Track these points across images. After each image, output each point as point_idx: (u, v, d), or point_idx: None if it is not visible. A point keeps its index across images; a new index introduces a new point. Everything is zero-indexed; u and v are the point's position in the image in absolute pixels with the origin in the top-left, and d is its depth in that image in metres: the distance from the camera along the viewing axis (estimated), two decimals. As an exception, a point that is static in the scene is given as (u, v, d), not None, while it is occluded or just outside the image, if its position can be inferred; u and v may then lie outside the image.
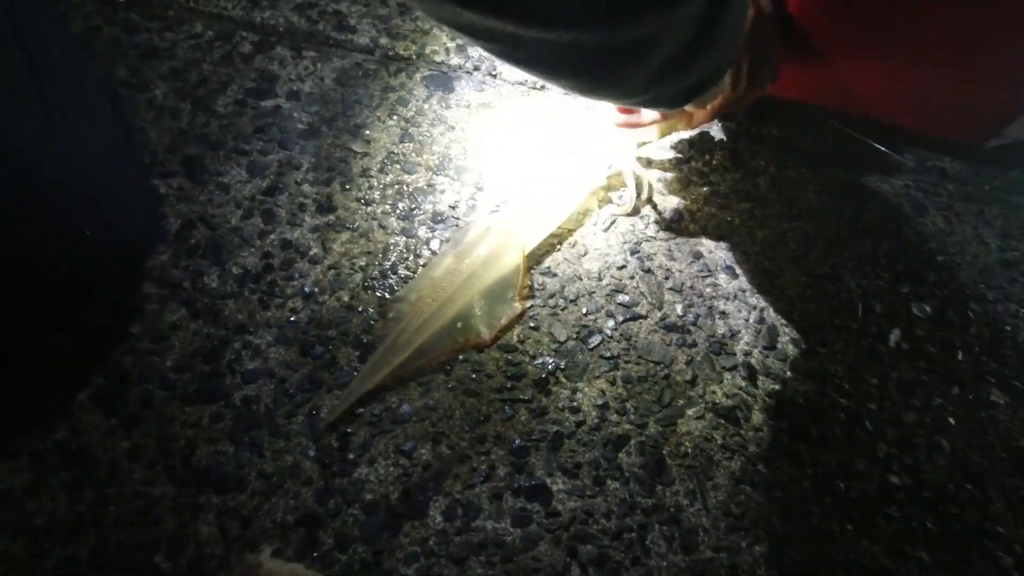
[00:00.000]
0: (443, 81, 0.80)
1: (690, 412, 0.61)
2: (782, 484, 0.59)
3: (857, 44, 0.71)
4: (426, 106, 0.79)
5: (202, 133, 0.73)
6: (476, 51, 0.85)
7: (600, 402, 0.61)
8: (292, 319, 0.63)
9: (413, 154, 0.75)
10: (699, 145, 0.79)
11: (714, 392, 0.63)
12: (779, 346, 0.66)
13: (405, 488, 0.56)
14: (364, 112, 0.78)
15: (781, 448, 0.60)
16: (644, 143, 0.76)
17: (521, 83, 0.82)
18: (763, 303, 0.68)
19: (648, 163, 0.76)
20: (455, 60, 0.84)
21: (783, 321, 0.67)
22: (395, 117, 0.77)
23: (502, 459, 0.58)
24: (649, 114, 0.65)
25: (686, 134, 0.79)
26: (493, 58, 0.80)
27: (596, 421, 0.60)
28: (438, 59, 0.83)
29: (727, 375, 0.64)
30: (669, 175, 0.76)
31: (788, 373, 0.64)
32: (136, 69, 0.77)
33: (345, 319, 0.63)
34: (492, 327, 0.62)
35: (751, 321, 0.67)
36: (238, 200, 0.70)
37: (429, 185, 0.73)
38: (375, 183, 0.72)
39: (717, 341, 0.65)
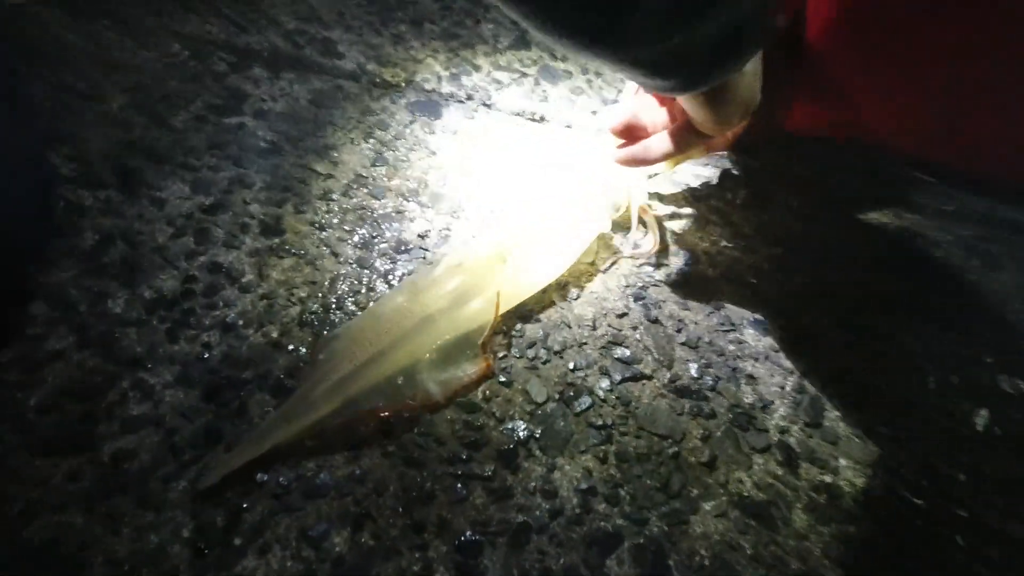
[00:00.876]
0: (430, 107, 0.72)
1: (707, 507, 0.45)
2: (841, 622, 0.41)
3: (892, 74, 0.61)
4: (407, 130, 0.70)
5: (150, 146, 0.65)
6: (471, 80, 0.77)
7: (584, 485, 0.45)
8: (203, 356, 0.50)
9: (384, 178, 0.65)
10: (718, 182, 0.68)
11: (740, 481, 0.47)
12: (826, 423, 0.50)
13: (306, 591, 0.40)
14: (337, 134, 0.69)
15: (838, 566, 0.43)
16: (654, 175, 0.65)
17: (517, 114, 0.73)
18: (802, 367, 0.53)
19: (658, 198, 0.65)
20: (447, 88, 0.76)
21: (830, 391, 0.52)
22: (371, 140, 0.68)
23: (444, 558, 0.42)
24: (658, 145, 0.53)
25: (700, 168, 0.68)
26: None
27: (578, 511, 0.44)
28: (428, 86, 0.75)
29: (757, 459, 0.48)
30: (683, 211, 0.64)
31: (841, 460, 0.48)
32: (96, 81, 0.70)
33: (268, 358, 0.50)
34: (445, 386, 0.48)
35: (788, 389, 0.52)
36: (171, 217, 0.60)
37: (398, 211, 0.62)
38: (335, 207, 0.62)
39: (744, 412, 0.50)
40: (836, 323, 0.56)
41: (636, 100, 0.54)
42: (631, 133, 0.51)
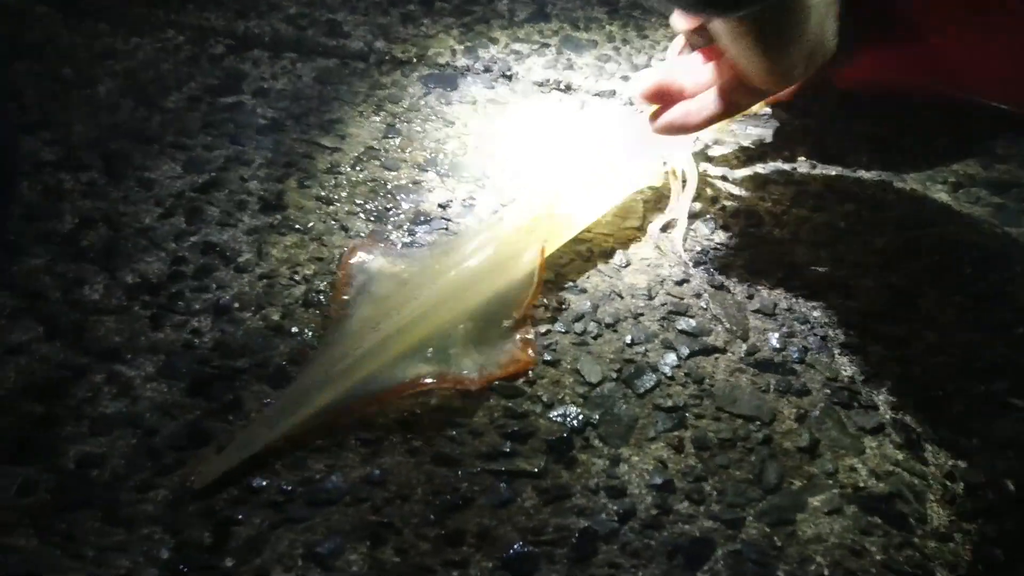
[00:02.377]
0: (446, 79, 0.65)
1: (816, 502, 0.36)
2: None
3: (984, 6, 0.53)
4: (422, 102, 0.63)
5: (138, 128, 0.59)
6: (488, 52, 0.70)
7: (659, 480, 0.36)
8: (191, 344, 0.42)
9: (398, 150, 0.58)
10: (772, 141, 0.60)
11: (853, 469, 0.37)
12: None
13: (315, 625, 0.31)
14: (344, 108, 0.62)
15: (996, 573, 0.33)
16: (696, 141, 0.57)
17: (541, 84, 0.66)
18: (904, 331, 0.44)
19: (705, 158, 0.57)
20: (463, 61, 0.69)
21: (944, 360, 0.42)
22: (382, 113, 0.62)
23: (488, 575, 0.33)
24: (701, 107, 0.44)
25: (750, 127, 0.60)
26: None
27: (653, 513, 0.35)
28: (442, 60, 0.68)
29: (870, 441, 0.39)
30: (737, 172, 0.56)
31: (974, 440, 0.39)
32: (84, 68, 0.65)
33: (267, 345, 0.42)
34: (484, 368, 0.40)
35: (893, 359, 0.43)
36: (160, 197, 0.53)
37: (414, 183, 0.55)
38: (343, 180, 0.55)
39: (843, 387, 0.41)
40: (933, 283, 0.47)
41: (674, 62, 0.47)
42: (665, 97, 0.44)
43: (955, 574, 0.33)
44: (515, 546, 0.33)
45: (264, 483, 0.36)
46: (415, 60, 0.69)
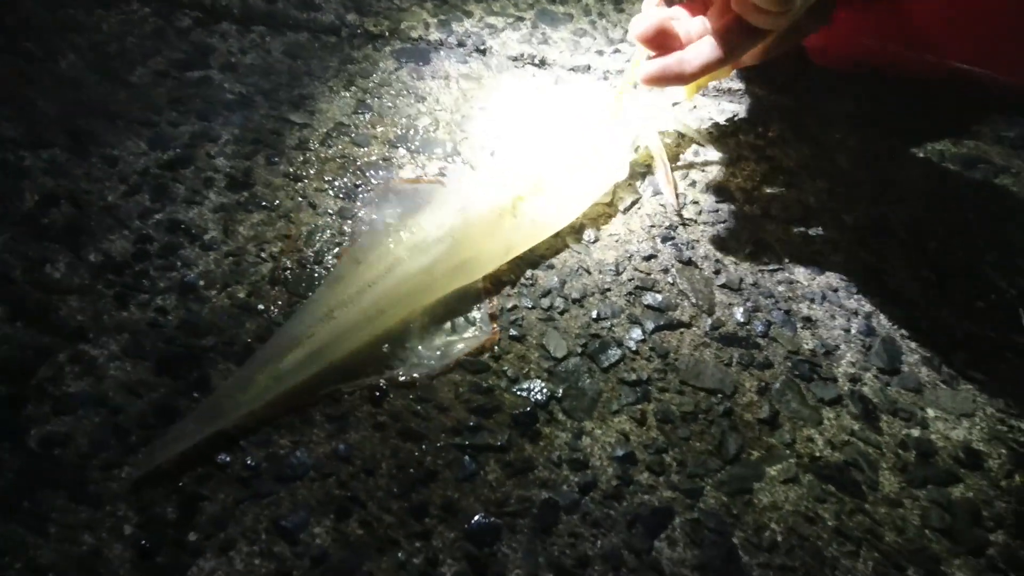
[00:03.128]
0: (418, 54, 0.64)
1: (773, 471, 0.37)
2: (959, 605, 0.33)
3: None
4: (393, 77, 0.62)
5: (102, 103, 0.57)
6: (463, 26, 0.69)
7: (621, 452, 0.37)
8: (156, 322, 0.42)
9: (368, 126, 0.57)
10: (747, 117, 0.60)
11: (810, 439, 0.38)
12: (904, 369, 0.41)
13: (280, 596, 0.32)
14: (314, 83, 0.61)
15: (946, 537, 0.34)
16: (675, 103, 0.57)
17: (515, 58, 0.65)
18: (867, 307, 0.45)
19: (678, 136, 0.57)
20: (436, 35, 0.68)
21: (904, 332, 0.43)
22: (352, 88, 0.61)
23: (451, 547, 0.33)
24: (698, 54, 0.42)
25: (724, 103, 0.60)
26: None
27: (615, 484, 0.36)
28: (415, 34, 0.67)
29: (828, 412, 0.39)
30: (710, 148, 0.56)
31: (928, 411, 0.40)
32: (46, 41, 0.63)
33: (234, 322, 0.42)
34: (443, 357, 0.40)
35: (854, 332, 0.43)
36: (125, 174, 0.52)
37: (384, 159, 0.54)
38: (312, 157, 0.54)
39: (805, 360, 0.42)
40: (901, 258, 0.48)
41: (662, 10, 0.46)
42: (663, 43, 0.42)
43: (903, 537, 0.34)
44: (478, 517, 0.34)
45: (229, 459, 0.36)
46: (387, 34, 0.68)
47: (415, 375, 0.39)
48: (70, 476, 0.35)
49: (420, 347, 0.40)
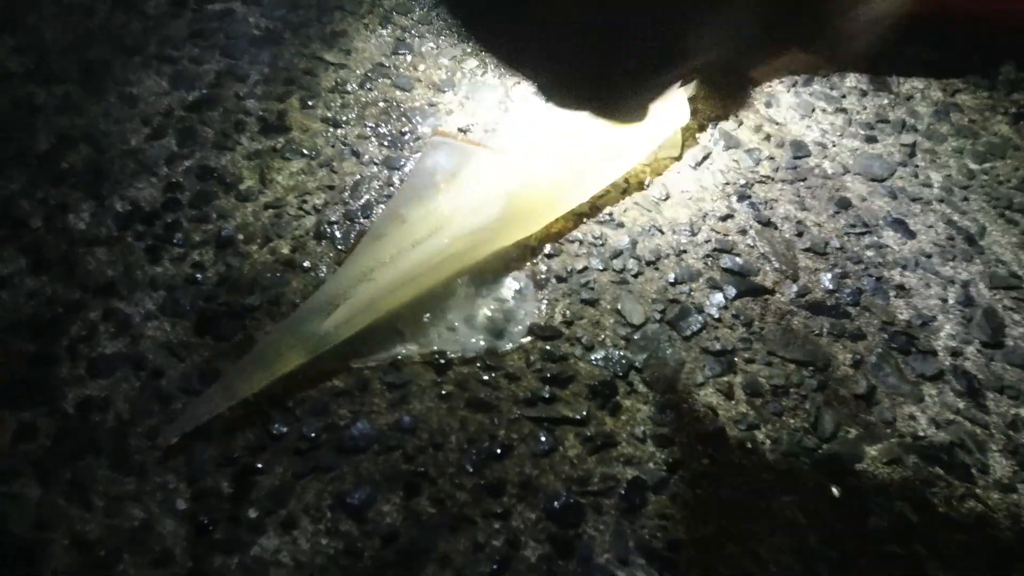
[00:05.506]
0: (458, -11, 0.58)
1: (874, 451, 0.34)
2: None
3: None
4: (434, 13, 0.56)
5: (116, 35, 0.52)
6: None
7: (710, 428, 0.34)
8: (194, 278, 0.38)
9: (410, 68, 0.52)
10: (819, 68, 0.55)
11: (912, 417, 0.35)
12: (1009, 343, 0.38)
13: (348, 578, 0.29)
14: (347, 19, 0.56)
15: (1060, 525, 0.32)
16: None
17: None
18: (964, 275, 0.41)
19: (748, 82, 0.52)
20: None
21: (1007, 303, 0.40)
22: (389, 26, 0.55)
23: (532, 528, 0.31)
24: None
25: (795, 54, 0.55)
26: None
27: (706, 463, 0.33)
28: (453, -33, 0.61)
29: (929, 389, 0.36)
30: (781, 96, 0.51)
31: (1037, 389, 0.37)
32: (48, -34, 0.57)
33: (278, 280, 0.39)
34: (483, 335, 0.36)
35: (951, 302, 0.40)
36: (147, 116, 0.47)
37: (430, 104, 0.49)
38: (351, 100, 0.49)
39: (901, 332, 0.38)
40: (997, 220, 0.44)
41: None
42: None
43: (1019, 525, 0.32)
44: (560, 497, 0.31)
45: (285, 429, 0.33)
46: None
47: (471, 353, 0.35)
48: (112, 444, 0.32)
49: (461, 322, 0.36)
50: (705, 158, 0.47)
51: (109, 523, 0.30)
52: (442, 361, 0.35)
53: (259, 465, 0.32)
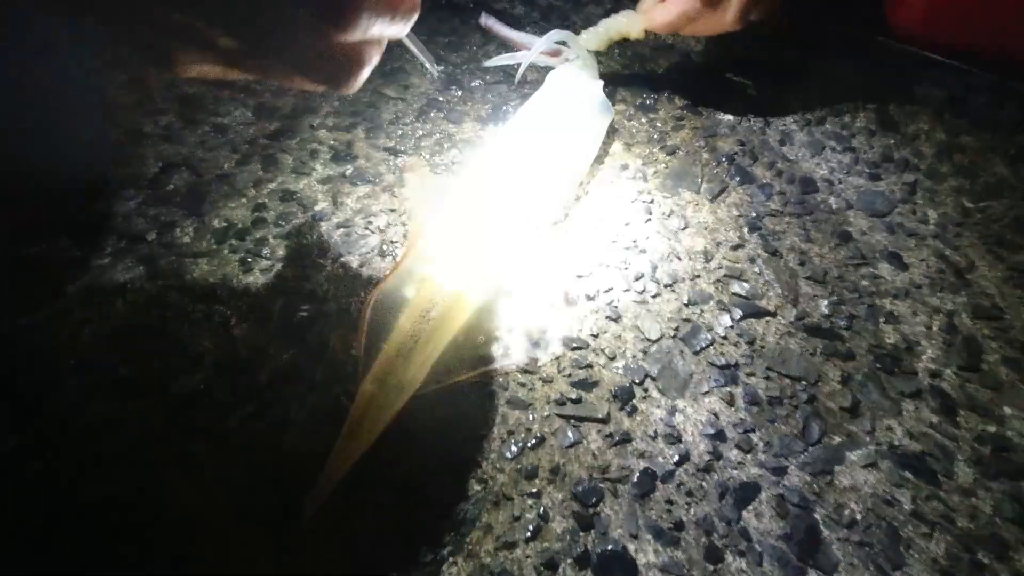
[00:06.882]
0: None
1: (854, 456, 0.40)
2: (1026, 588, 0.35)
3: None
4: (481, 52, 0.63)
5: (207, 70, 0.60)
6: (545, 1, 0.69)
7: (711, 430, 0.40)
8: (280, 287, 0.46)
9: (460, 102, 0.59)
10: (833, 104, 0.60)
11: (890, 429, 0.41)
12: (984, 367, 0.43)
13: (406, 540, 0.36)
14: (403, 57, 0.63)
15: (1017, 526, 0.37)
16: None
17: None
18: (950, 305, 0.46)
19: (765, 123, 0.57)
20: (520, 9, 0.69)
21: (986, 332, 0.45)
22: (442, 64, 0.62)
23: (560, 506, 0.37)
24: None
25: (812, 85, 0.60)
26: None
27: (706, 458, 0.39)
28: (499, 6, 0.68)
29: (908, 405, 0.42)
30: (796, 134, 0.57)
31: (1005, 409, 0.42)
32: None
33: (349, 292, 0.46)
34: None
35: (935, 329, 0.45)
36: (235, 144, 0.55)
37: (478, 137, 0.56)
38: (408, 132, 0.56)
39: (887, 354, 0.44)
40: (986, 256, 0.49)
41: None
42: None
43: (975, 524, 0.37)
44: (583, 482, 0.38)
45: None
46: (472, 5, 0.69)
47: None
48: (214, 431, 0.39)
49: (506, 334, 0.43)
50: (722, 191, 0.53)
51: (211, 493, 0.37)
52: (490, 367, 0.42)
53: (337, 445, 0.39)
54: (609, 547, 0.36)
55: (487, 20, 0.55)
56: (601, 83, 0.53)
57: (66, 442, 0.38)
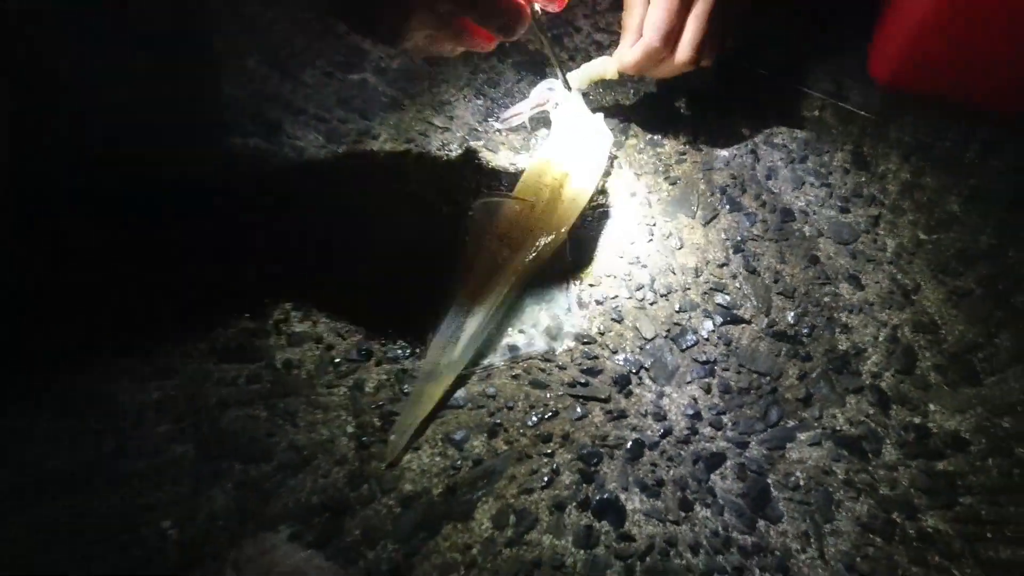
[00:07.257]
0: (534, 66, 0.76)
1: (803, 436, 0.50)
2: (929, 539, 0.46)
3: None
4: (515, 88, 0.74)
5: (287, 99, 0.72)
6: (573, 42, 0.80)
7: (691, 411, 0.51)
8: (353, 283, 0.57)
9: (497, 133, 0.70)
10: (813, 145, 0.70)
11: (834, 416, 0.51)
12: (917, 372, 0.54)
13: (450, 483, 0.47)
14: (450, 90, 0.74)
15: (926, 495, 0.47)
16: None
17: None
18: (896, 320, 0.56)
19: (755, 158, 0.68)
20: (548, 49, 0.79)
21: (922, 343, 0.55)
22: (482, 97, 0.73)
23: (568, 464, 0.48)
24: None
25: (799, 130, 0.70)
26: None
27: (685, 432, 0.50)
28: (531, 47, 0.79)
29: (851, 398, 0.52)
30: (779, 168, 0.67)
31: (930, 405, 0.52)
32: (233, 41, 0.77)
33: (408, 297, 0.57)
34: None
35: (881, 339, 0.55)
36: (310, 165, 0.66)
37: (511, 163, 0.67)
38: (454, 158, 0.67)
39: (838, 357, 0.54)
40: (931, 281, 0.59)
41: None
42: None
43: (893, 492, 0.47)
44: (587, 447, 0.49)
45: (409, 390, 0.51)
46: (507, 45, 0.80)
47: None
48: (306, 389, 0.51)
49: (529, 328, 0.54)
50: (714, 217, 0.63)
51: (308, 436, 0.49)
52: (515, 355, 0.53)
53: (395, 410, 0.50)
54: (605, 496, 0.47)
55: (503, 117, 0.67)
56: (600, 115, 0.63)
57: (206, 389, 0.50)
